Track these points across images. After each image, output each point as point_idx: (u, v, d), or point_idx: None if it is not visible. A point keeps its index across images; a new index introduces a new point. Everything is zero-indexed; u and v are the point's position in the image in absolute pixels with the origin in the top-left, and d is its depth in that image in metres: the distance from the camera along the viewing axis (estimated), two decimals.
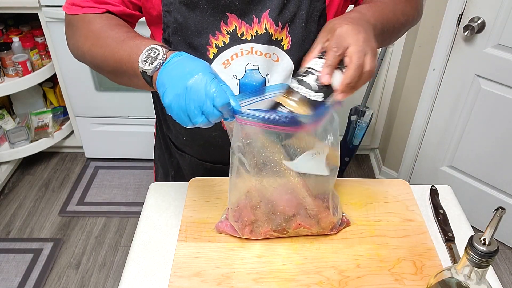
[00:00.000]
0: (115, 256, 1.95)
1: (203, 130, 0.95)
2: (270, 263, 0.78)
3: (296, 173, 0.75)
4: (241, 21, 0.82)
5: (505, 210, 0.56)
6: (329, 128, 0.72)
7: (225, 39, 0.83)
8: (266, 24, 0.82)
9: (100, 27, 0.80)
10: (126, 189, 2.28)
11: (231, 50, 0.84)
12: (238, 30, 0.83)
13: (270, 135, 0.69)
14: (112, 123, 2.30)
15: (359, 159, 2.55)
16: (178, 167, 1.09)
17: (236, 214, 0.80)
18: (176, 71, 0.66)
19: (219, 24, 0.82)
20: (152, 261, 0.80)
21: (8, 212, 2.14)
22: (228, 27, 0.82)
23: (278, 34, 0.84)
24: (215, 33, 0.83)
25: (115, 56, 0.75)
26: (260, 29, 0.82)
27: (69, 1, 0.85)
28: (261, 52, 0.84)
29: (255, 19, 0.82)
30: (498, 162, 1.85)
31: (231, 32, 0.83)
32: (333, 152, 0.75)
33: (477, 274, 0.59)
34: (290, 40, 0.85)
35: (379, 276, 0.77)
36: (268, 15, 0.81)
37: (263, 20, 0.82)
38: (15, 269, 1.86)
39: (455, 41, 1.75)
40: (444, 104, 1.91)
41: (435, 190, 0.96)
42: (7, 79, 2.06)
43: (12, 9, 1.97)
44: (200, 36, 0.83)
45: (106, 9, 0.83)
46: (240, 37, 0.83)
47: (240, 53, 0.84)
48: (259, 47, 0.83)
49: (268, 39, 0.83)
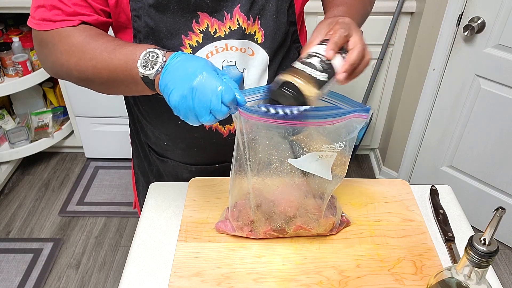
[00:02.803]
0: (115, 256, 1.95)
1: (184, 133, 0.94)
2: (270, 263, 0.78)
3: (299, 173, 0.74)
4: (213, 19, 0.82)
5: (505, 210, 0.56)
6: (344, 135, 0.71)
7: (198, 38, 0.83)
8: (239, 19, 0.82)
9: (83, 40, 0.76)
10: (126, 189, 2.28)
11: (206, 49, 0.84)
12: (211, 28, 0.83)
13: (278, 130, 0.69)
14: (112, 123, 2.30)
15: (359, 159, 2.55)
16: (159, 174, 1.07)
17: (236, 212, 0.80)
18: (179, 72, 0.66)
19: (191, 24, 0.82)
20: (152, 261, 0.80)
21: (8, 212, 2.14)
22: (200, 26, 0.82)
23: (251, 28, 0.84)
24: (188, 33, 0.82)
25: (109, 66, 0.73)
26: (233, 24, 0.82)
27: (37, 16, 0.78)
28: (236, 48, 0.84)
29: (226, 15, 0.82)
30: (498, 162, 1.85)
31: (204, 31, 0.83)
32: (341, 159, 0.75)
33: (477, 274, 0.59)
34: (263, 33, 0.85)
35: (379, 276, 0.77)
36: (239, 9, 0.82)
37: (235, 15, 0.82)
38: (15, 269, 1.86)
39: (455, 41, 1.76)
40: (444, 104, 1.91)
41: (435, 190, 0.96)
42: (7, 79, 2.06)
43: (12, 9, 1.97)
44: (172, 38, 0.82)
45: (80, 20, 0.78)
46: (213, 35, 0.83)
47: (215, 51, 0.84)
48: (233, 42, 0.84)
49: (241, 33, 0.83)
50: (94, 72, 0.76)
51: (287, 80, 0.70)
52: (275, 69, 0.90)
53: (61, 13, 0.77)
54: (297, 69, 0.71)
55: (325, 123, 0.68)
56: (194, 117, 0.65)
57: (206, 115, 0.65)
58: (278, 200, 0.77)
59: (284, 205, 0.78)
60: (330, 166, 0.74)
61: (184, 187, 0.94)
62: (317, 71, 0.71)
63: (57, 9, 0.77)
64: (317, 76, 0.71)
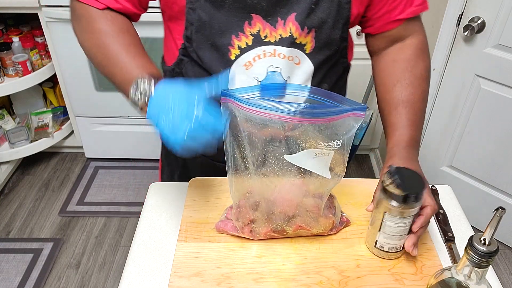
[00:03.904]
0: (115, 256, 1.95)
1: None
2: (270, 263, 0.78)
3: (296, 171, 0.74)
4: (266, 23, 0.81)
5: (505, 210, 0.56)
6: (341, 134, 0.72)
7: (248, 41, 0.83)
8: (291, 28, 0.81)
9: (104, 31, 0.81)
10: (126, 189, 2.28)
11: (254, 52, 0.83)
12: (262, 31, 0.82)
13: (274, 124, 0.69)
14: (112, 123, 2.30)
15: (359, 159, 2.55)
16: (185, 167, 1.08)
17: (236, 212, 0.80)
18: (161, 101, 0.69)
19: (243, 24, 0.81)
20: (152, 261, 0.80)
21: (8, 212, 2.14)
22: (252, 29, 0.82)
23: (303, 38, 0.83)
24: (238, 34, 0.82)
25: (110, 70, 0.81)
26: (285, 32, 0.81)
27: None
28: (284, 55, 0.83)
29: (280, 22, 0.81)
30: (498, 162, 1.85)
31: (255, 34, 0.82)
32: (339, 158, 0.75)
33: (477, 274, 0.59)
34: (313, 44, 0.84)
35: (379, 276, 0.77)
36: (294, 18, 0.80)
37: (288, 23, 0.81)
38: (15, 269, 1.86)
39: (455, 41, 1.76)
40: (444, 104, 1.91)
41: (435, 190, 0.96)
42: (7, 79, 2.06)
43: (12, 9, 1.97)
44: (223, 36, 0.82)
45: (106, 5, 0.82)
46: (263, 39, 0.82)
47: (262, 55, 0.84)
48: (282, 50, 0.83)
49: (291, 42, 0.82)
50: (97, 63, 0.83)
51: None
52: (318, 81, 0.89)
53: None
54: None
55: (320, 121, 0.69)
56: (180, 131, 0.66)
57: (187, 122, 0.65)
58: (277, 200, 0.77)
59: (283, 204, 0.78)
60: (328, 164, 0.75)
61: (184, 187, 0.94)
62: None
63: None
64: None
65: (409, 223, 0.75)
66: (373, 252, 0.80)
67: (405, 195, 0.71)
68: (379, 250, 0.79)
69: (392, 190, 0.72)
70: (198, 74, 0.89)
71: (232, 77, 0.86)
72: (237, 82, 0.85)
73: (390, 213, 0.73)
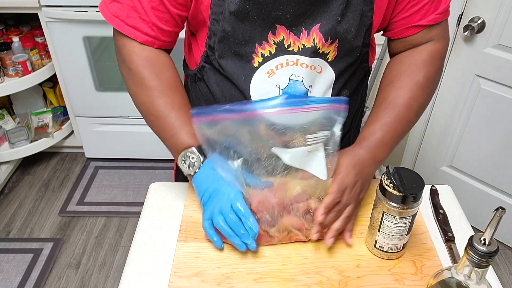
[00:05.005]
0: (115, 256, 1.95)
1: None
2: (270, 263, 0.78)
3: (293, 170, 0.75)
4: (290, 33, 0.81)
5: (505, 210, 0.56)
6: (326, 126, 0.75)
7: (271, 49, 0.82)
8: (315, 38, 0.81)
9: (152, 88, 0.85)
10: (126, 189, 2.28)
11: (277, 60, 0.83)
12: (286, 41, 0.82)
13: (256, 122, 0.72)
14: (112, 123, 2.30)
15: None
16: None
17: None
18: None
19: (267, 34, 0.81)
20: (152, 261, 0.80)
21: (8, 212, 2.14)
22: (276, 38, 0.81)
23: (326, 48, 0.82)
24: (262, 42, 0.82)
25: (159, 132, 0.87)
26: (308, 42, 0.81)
27: (111, 8, 0.83)
28: (306, 65, 0.83)
29: (304, 32, 0.81)
30: (498, 162, 1.85)
31: (278, 43, 0.82)
32: (333, 158, 0.77)
33: (477, 274, 0.59)
34: (336, 53, 0.84)
35: (379, 276, 0.77)
36: (318, 29, 0.80)
37: (312, 33, 0.81)
38: (15, 269, 1.86)
39: (455, 41, 1.76)
40: (444, 104, 1.91)
41: (435, 190, 0.96)
42: (7, 79, 2.06)
43: (12, 9, 1.97)
44: (246, 45, 0.82)
45: (147, 36, 0.84)
46: (287, 48, 0.82)
47: (285, 64, 0.83)
48: (304, 59, 0.83)
49: (314, 52, 0.82)
50: (148, 122, 0.88)
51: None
52: (339, 87, 0.89)
53: (137, 16, 0.82)
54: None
55: (299, 110, 0.72)
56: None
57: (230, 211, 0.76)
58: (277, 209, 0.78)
59: (289, 223, 0.79)
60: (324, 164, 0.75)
61: (184, 187, 0.94)
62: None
63: (134, 11, 0.81)
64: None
65: (408, 223, 0.75)
66: (373, 252, 0.80)
67: (403, 195, 0.71)
68: (379, 250, 0.79)
69: (391, 190, 0.72)
70: (220, 81, 0.89)
71: None
72: (259, 90, 0.86)
73: (389, 214, 0.73)
